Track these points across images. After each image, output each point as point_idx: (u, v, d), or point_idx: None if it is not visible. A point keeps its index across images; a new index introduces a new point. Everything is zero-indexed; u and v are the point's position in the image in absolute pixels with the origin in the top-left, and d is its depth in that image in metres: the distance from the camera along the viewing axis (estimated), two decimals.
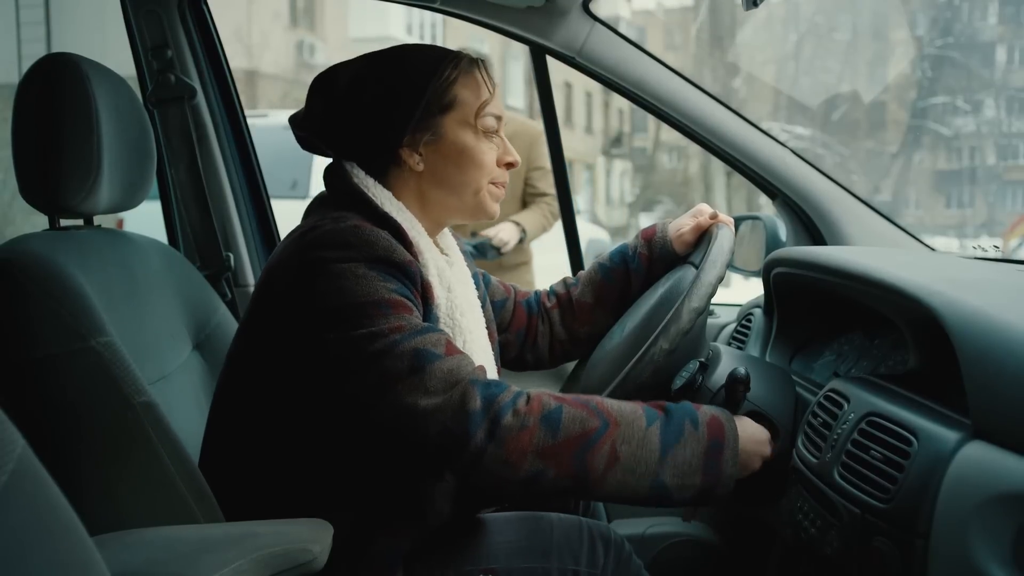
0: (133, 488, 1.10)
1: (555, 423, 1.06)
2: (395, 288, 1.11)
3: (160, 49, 1.91)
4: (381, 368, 1.07)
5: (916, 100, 18.51)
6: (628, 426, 1.09)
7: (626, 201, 24.28)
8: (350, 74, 1.24)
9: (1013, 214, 17.87)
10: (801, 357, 1.47)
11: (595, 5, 1.80)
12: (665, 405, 1.13)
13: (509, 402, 1.07)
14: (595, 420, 1.08)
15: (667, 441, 1.09)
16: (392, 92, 1.23)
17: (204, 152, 1.96)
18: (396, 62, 1.24)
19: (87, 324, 1.08)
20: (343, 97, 1.23)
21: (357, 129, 1.23)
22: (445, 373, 1.07)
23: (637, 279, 1.48)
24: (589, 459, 1.06)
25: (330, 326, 1.09)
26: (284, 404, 1.17)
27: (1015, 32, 18.79)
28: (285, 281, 1.15)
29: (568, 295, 1.53)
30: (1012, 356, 0.85)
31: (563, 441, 1.06)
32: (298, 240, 1.15)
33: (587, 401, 1.10)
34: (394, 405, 1.06)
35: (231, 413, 1.22)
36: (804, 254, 1.37)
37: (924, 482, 0.88)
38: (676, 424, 1.10)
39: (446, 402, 1.05)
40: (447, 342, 1.11)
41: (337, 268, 1.10)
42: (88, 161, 1.21)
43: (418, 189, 1.26)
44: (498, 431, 1.05)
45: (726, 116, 1.80)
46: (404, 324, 1.09)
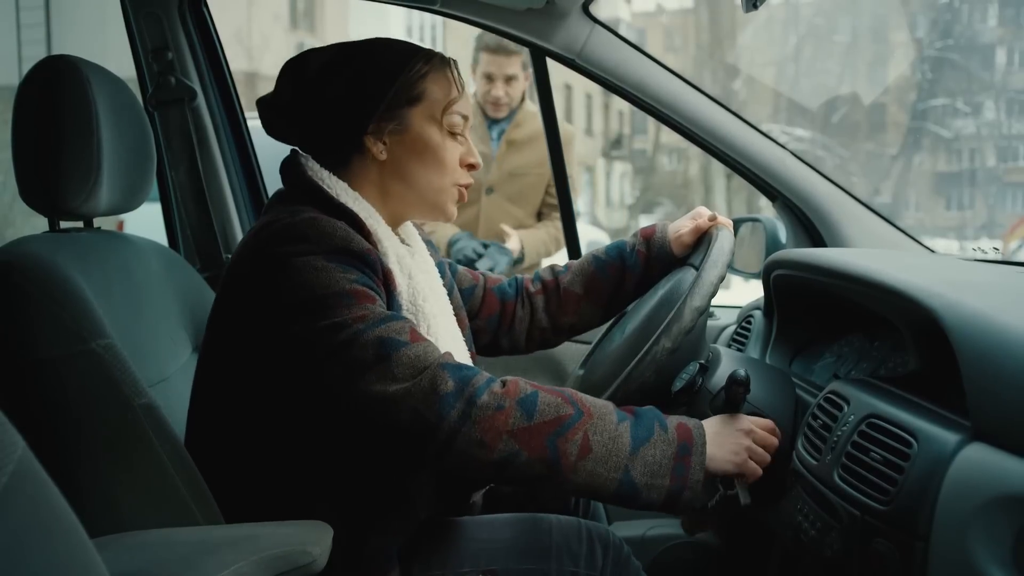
0: (133, 490, 1.10)
1: (530, 406, 1.07)
2: (356, 278, 1.12)
3: (160, 51, 1.92)
4: (347, 358, 1.07)
5: (916, 102, 18.53)
6: (601, 419, 1.09)
7: (626, 203, 24.28)
8: (322, 59, 1.24)
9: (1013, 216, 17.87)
10: (801, 359, 1.48)
11: (595, 7, 1.81)
12: (633, 408, 1.14)
13: (484, 384, 1.07)
14: (569, 408, 1.08)
15: (637, 439, 1.09)
16: (362, 78, 1.23)
17: (204, 154, 1.96)
18: (369, 51, 1.25)
19: (87, 326, 1.08)
20: (313, 80, 1.23)
21: (324, 112, 1.23)
22: (412, 359, 1.07)
23: (632, 276, 1.47)
24: (562, 445, 1.06)
25: (294, 320, 1.09)
26: (259, 401, 1.17)
27: (1015, 34, 18.80)
28: (246, 278, 1.15)
29: (556, 282, 1.52)
30: (1012, 358, 0.85)
31: (537, 424, 1.06)
32: (256, 236, 1.16)
33: (561, 390, 1.11)
34: (363, 394, 1.06)
35: (209, 414, 1.23)
36: (804, 256, 1.37)
37: (924, 484, 0.88)
38: (646, 424, 1.11)
39: (415, 387, 1.05)
40: (411, 329, 1.11)
41: (297, 262, 1.10)
42: (88, 163, 1.21)
43: (379, 180, 1.27)
44: (473, 411, 1.05)
45: (726, 118, 1.80)
46: (367, 313, 1.09)
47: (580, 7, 1.77)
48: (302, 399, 1.14)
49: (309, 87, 1.23)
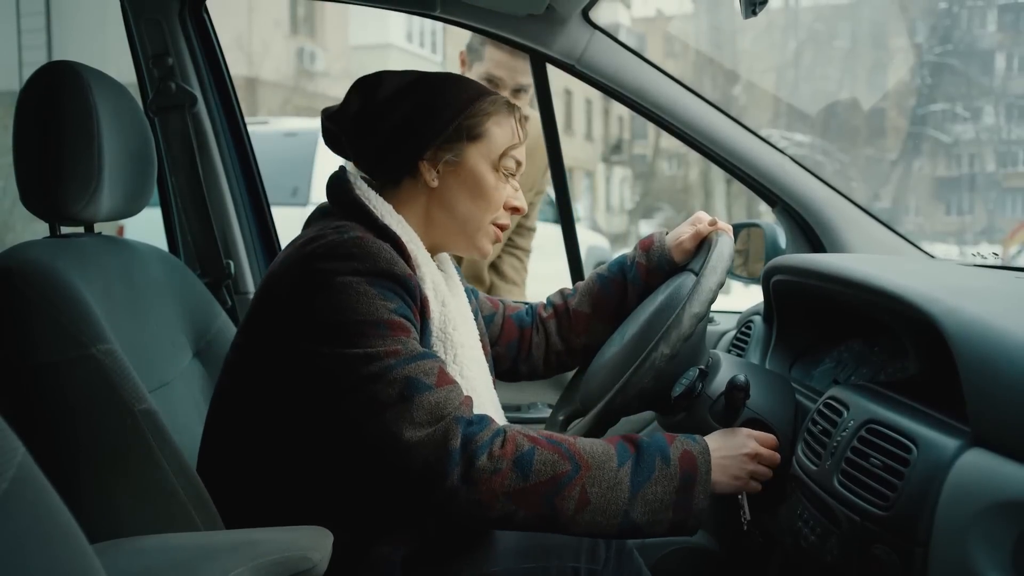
0: (133, 495, 1.10)
1: (527, 466, 1.09)
2: (395, 308, 1.13)
3: (161, 57, 1.92)
4: (371, 392, 1.08)
5: (916, 107, 18.55)
6: (599, 468, 1.11)
7: (626, 208, 24.31)
8: (396, 82, 1.26)
9: (1013, 221, 17.89)
10: (801, 364, 1.48)
11: (595, 13, 1.81)
12: (638, 441, 1.15)
13: (486, 443, 1.09)
14: (566, 464, 1.10)
15: (638, 481, 1.11)
16: (429, 104, 1.26)
17: (204, 160, 1.97)
18: (442, 81, 1.28)
19: (88, 331, 1.08)
20: (384, 99, 1.25)
21: (388, 131, 1.25)
22: (433, 406, 1.09)
23: (634, 290, 1.49)
24: (558, 502, 1.09)
25: (326, 341, 1.10)
26: (280, 413, 1.18)
27: (1014, 39, 18.84)
28: (286, 291, 1.16)
29: (565, 305, 1.54)
30: (1011, 363, 0.85)
31: (533, 485, 1.08)
32: (300, 250, 1.16)
33: (560, 443, 1.12)
34: (380, 430, 1.08)
35: (229, 420, 1.23)
36: (804, 261, 1.37)
37: (924, 489, 0.88)
38: (647, 462, 1.12)
39: (430, 437, 1.07)
40: (439, 371, 1.12)
41: (339, 282, 1.11)
42: (89, 168, 1.22)
43: (425, 207, 1.29)
44: (472, 472, 1.07)
45: (726, 124, 1.81)
46: (400, 348, 1.10)
47: (580, 13, 1.78)
48: (319, 417, 1.14)
49: (378, 105, 1.25)
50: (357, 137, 1.27)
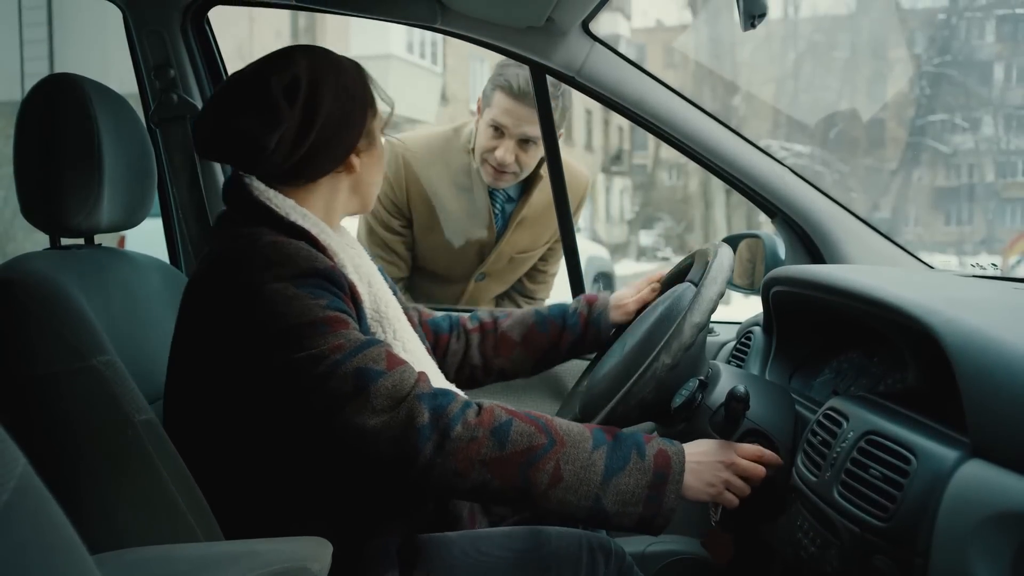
0: (133, 506, 1.09)
1: (504, 435, 1.09)
2: (327, 303, 1.13)
3: (163, 68, 1.93)
4: (327, 390, 1.09)
5: (915, 118, 18.59)
6: (574, 447, 1.11)
7: (626, 218, 24.33)
8: (304, 88, 1.21)
9: (1012, 231, 17.90)
10: (800, 375, 1.48)
11: (595, 25, 1.82)
12: (616, 431, 1.15)
13: (458, 413, 1.09)
14: (542, 437, 1.10)
15: (611, 467, 1.11)
16: (348, 99, 1.25)
17: (206, 170, 1.97)
18: (337, 72, 1.26)
19: (88, 342, 1.08)
20: (308, 107, 1.21)
21: (320, 136, 1.22)
22: (389, 390, 1.09)
23: (568, 336, 1.53)
24: (533, 474, 1.09)
25: (271, 352, 1.10)
26: (244, 425, 1.18)
27: (1013, 50, 18.89)
28: (214, 309, 1.15)
29: (494, 324, 1.56)
30: (1010, 375, 0.85)
31: (509, 453, 1.09)
32: (217, 266, 1.16)
33: (537, 418, 1.13)
34: (343, 426, 1.08)
35: (199, 433, 1.22)
36: (803, 273, 1.38)
37: (923, 500, 0.88)
38: (623, 452, 1.12)
39: (393, 419, 1.07)
40: (387, 354, 1.13)
41: (266, 291, 1.11)
42: (89, 181, 1.22)
43: (333, 192, 1.29)
44: (447, 443, 1.07)
45: (725, 135, 1.81)
46: (343, 342, 1.10)
47: (580, 25, 1.79)
48: (286, 422, 1.15)
49: (306, 114, 1.21)
50: (294, 149, 1.21)
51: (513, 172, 2.13)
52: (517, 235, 2.27)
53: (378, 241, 2.26)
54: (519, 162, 2.11)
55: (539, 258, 2.40)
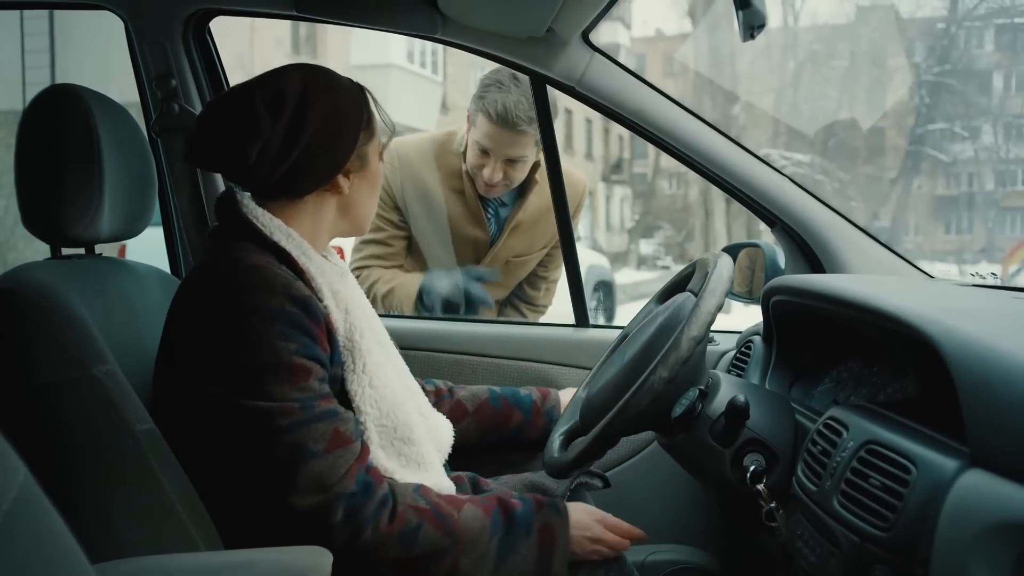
0: (133, 515, 1.10)
1: (410, 542, 1.17)
2: (296, 348, 1.14)
3: (164, 78, 1.93)
4: (262, 450, 1.12)
5: (914, 126, 18.61)
6: (474, 543, 1.20)
7: (626, 227, 24.34)
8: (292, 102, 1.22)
9: (1012, 239, 17.90)
10: (800, 384, 1.48)
11: (595, 35, 1.83)
12: (512, 512, 1.25)
13: (370, 516, 1.14)
14: (446, 540, 1.19)
15: (503, 551, 1.22)
16: (338, 118, 1.26)
17: (207, 180, 1.98)
18: (331, 84, 1.27)
19: (88, 352, 1.09)
20: (294, 122, 1.22)
21: (303, 153, 1.23)
22: (317, 475, 1.13)
23: (518, 416, 1.63)
24: (433, 570, 1.18)
25: (228, 385, 1.13)
26: (202, 450, 1.19)
27: (1012, 59, 18.92)
28: (192, 327, 1.18)
29: (449, 391, 1.62)
30: (1009, 384, 0.85)
31: (414, 557, 1.17)
32: (199, 280, 1.19)
33: (445, 518, 1.20)
34: (268, 491, 1.13)
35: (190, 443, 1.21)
36: (803, 282, 1.38)
37: (923, 510, 0.88)
38: (514, 536, 1.23)
39: (312, 508, 1.12)
40: (333, 433, 1.15)
41: (239, 321, 1.13)
42: (89, 191, 1.23)
43: (320, 212, 1.30)
44: (357, 544, 1.14)
45: (725, 145, 1.82)
46: (295, 407, 1.13)
47: (580, 35, 1.79)
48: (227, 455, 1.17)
49: (291, 128, 1.22)
50: (276, 163, 1.22)
51: (504, 185, 2.16)
52: (513, 239, 2.28)
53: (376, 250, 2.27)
54: (508, 177, 2.14)
55: (538, 264, 2.41)
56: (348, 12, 1.82)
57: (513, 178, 2.15)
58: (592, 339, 2.03)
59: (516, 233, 2.28)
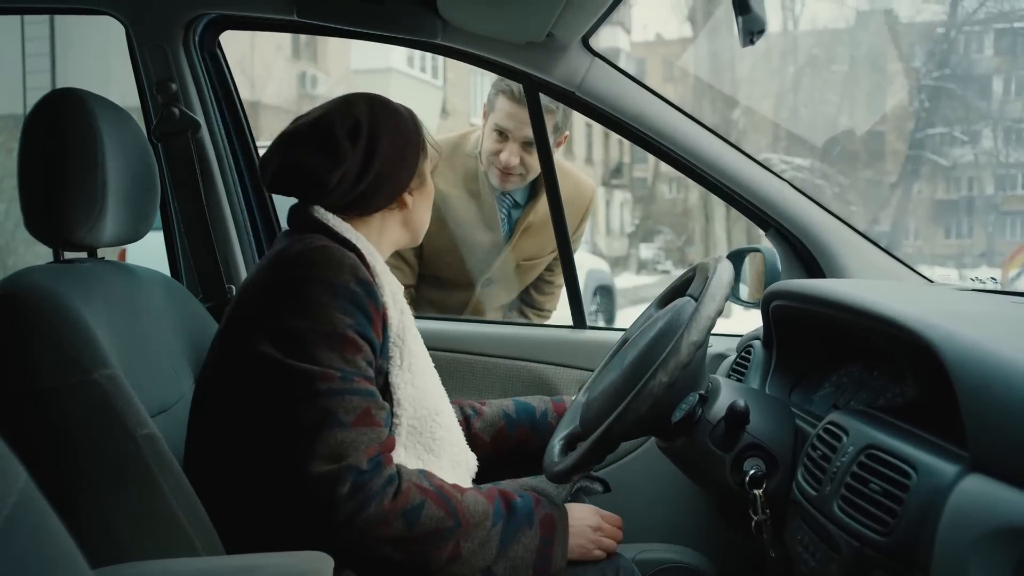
0: (134, 520, 1.10)
1: (413, 520, 1.16)
2: (351, 323, 1.19)
3: (165, 83, 1.93)
4: (291, 412, 1.15)
5: (914, 131, 18.61)
6: (476, 527, 1.21)
7: (626, 231, 24.34)
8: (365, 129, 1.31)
9: (1012, 243, 17.90)
10: (800, 389, 1.48)
11: (595, 40, 1.83)
12: (512, 503, 1.26)
13: (376, 492, 1.14)
14: (449, 520, 1.19)
15: (504, 540, 1.22)
16: (403, 140, 1.35)
17: (208, 185, 1.98)
18: (392, 111, 1.36)
19: (90, 356, 1.09)
20: (368, 148, 1.31)
21: (377, 174, 1.31)
22: (337, 444, 1.14)
23: (536, 438, 1.60)
24: (435, 552, 1.18)
25: (278, 345, 1.17)
26: (253, 427, 1.20)
27: (1011, 64, 18.94)
28: (254, 301, 1.24)
29: (466, 423, 1.59)
30: (1009, 389, 0.86)
31: (416, 535, 1.17)
32: (272, 261, 1.25)
33: (448, 499, 1.20)
34: (287, 451, 1.14)
35: (207, 442, 1.26)
36: (803, 287, 1.38)
37: (923, 515, 0.88)
38: (515, 524, 1.24)
39: (324, 476, 1.13)
40: (364, 411, 1.17)
41: (303, 290, 1.18)
42: (92, 195, 1.23)
43: (384, 226, 1.38)
44: (358, 520, 1.13)
45: (725, 149, 1.82)
46: (336, 375, 1.15)
47: (580, 40, 1.80)
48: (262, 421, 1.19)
49: (366, 153, 1.30)
50: (353, 186, 1.31)
51: (519, 174, 2.16)
52: (524, 241, 2.28)
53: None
54: (524, 164, 2.14)
55: (545, 268, 2.41)
56: (349, 17, 1.83)
57: (529, 165, 2.14)
58: (589, 340, 2.03)
59: (527, 235, 2.27)
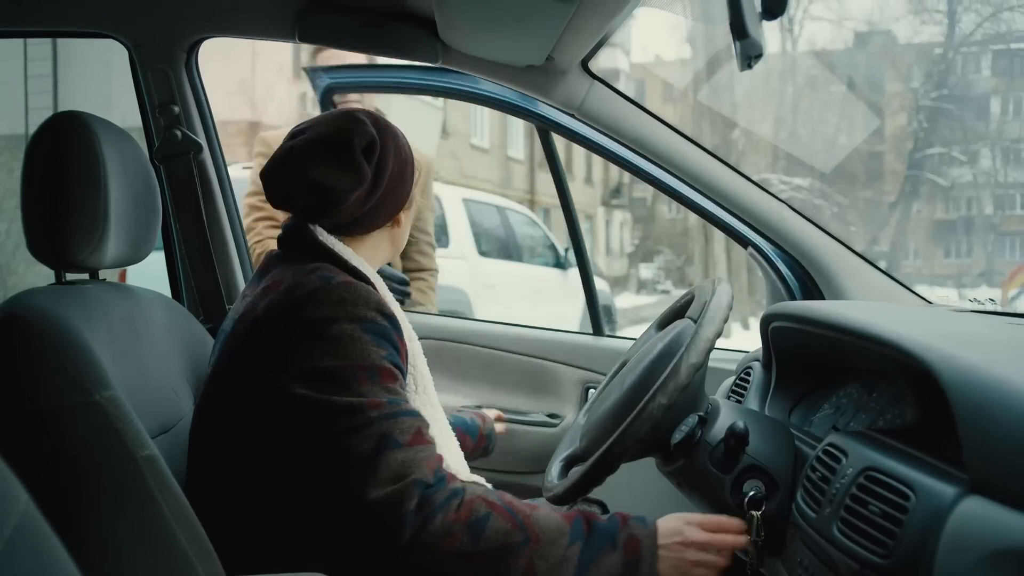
0: (134, 542, 1.09)
1: (478, 531, 1.11)
2: (386, 355, 1.17)
3: (167, 106, 1.95)
4: (347, 444, 1.12)
5: (913, 151, 18.69)
6: (549, 544, 1.14)
7: (626, 251, 24.38)
8: (368, 140, 1.29)
9: (1011, 263, 17.92)
10: (800, 410, 1.48)
11: (594, 63, 1.85)
12: (593, 521, 1.18)
13: (441, 504, 1.11)
14: (518, 534, 1.13)
15: (584, 560, 1.14)
16: (402, 158, 1.35)
17: (209, 206, 1.99)
18: (393, 130, 1.36)
19: (91, 378, 1.09)
20: (380, 169, 1.30)
21: (383, 193, 1.31)
22: (399, 464, 1.12)
23: (470, 440, 1.73)
24: (505, 570, 1.12)
25: (317, 386, 1.13)
26: (260, 456, 1.19)
27: (1009, 84, 19.04)
28: (274, 339, 1.18)
29: None
30: (1006, 411, 0.86)
31: (483, 550, 1.11)
32: (286, 296, 1.19)
33: (516, 513, 1.15)
34: (345, 482, 1.11)
35: (209, 466, 1.25)
36: (802, 309, 1.38)
37: (922, 537, 0.88)
38: (596, 545, 1.16)
39: (389, 496, 1.10)
40: (417, 430, 1.16)
41: (335, 330, 1.15)
42: (95, 217, 1.23)
43: (377, 243, 1.37)
44: (423, 535, 1.09)
45: (723, 171, 1.83)
46: (384, 401, 1.14)
47: (579, 64, 1.81)
48: (297, 461, 1.16)
49: (377, 171, 1.30)
50: (363, 204, 1.30)
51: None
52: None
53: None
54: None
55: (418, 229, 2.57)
56: (350, 40, 1.85)
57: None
58: (605, 347, 2.19)
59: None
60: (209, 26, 1.92)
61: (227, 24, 1.92)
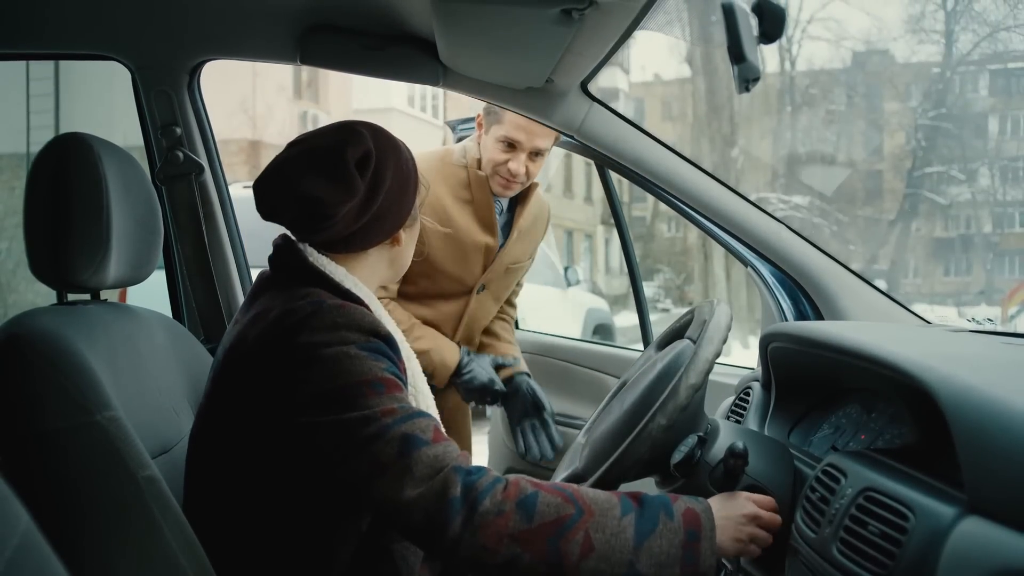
0: (135, 562, 1.09)
1: (530, 508, 1.08)
2: (386, 367, 1.15)
3: (169, 127, 1.96)
4: (371, 453, 1.09)
5: (911, 169, 18.73)
6: (603, 515, 1.10)
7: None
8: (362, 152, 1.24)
9: (1011, 281, 17.92)
10: (799, 430, 1.48)
11: (593, 85, 1.86)
12: (640, 495, 1.15)
13: (487, 487, 1.09)
14: (570, 507, 1.10)
15: (642, 531, 1.10)
16: (404, 176, 1.29)
17: (210, 227, 2.00)
18: (394, 144, 1.31)
19: (93, 399, 1.09)
20: (374, 184, 1.25)
21: (379, 210, 1.26)
22: (431, 459, 1.09)
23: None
24: (563, 545, 1.08)
25: (323, 410, 1.11)
26: (260, 482, 1.18)
27: (1006, 104, 19.11)
28: (267, 368, 1.15)
29: None
30: (1005, 431, 0.86)
31: (538, 526, 1.08)
32: (277, 325, 1.16)
33: (563, 488, 1.12)
34: (382, 491, 1.08)
35: (207, 489, 1.23)
36: (801, 329, 1.39)
37: (922, 557, 0.88)
38: (651, 515, 1.11)
39: (429, 490, 1.07)
40: (435, 428, 1.14)
41: (330, 352, 1.12)
42: (97, 238, 1.24)
43: (375, 264, 1.32)
44: (475, 517, 1.07)
45: (721, 192, 1.84)
46: (395, 407, 1.11)
47: (579, 85, 1.82)
48: (312, 485, 1.15)
49: (370, 190, 1.25)
50: (355, 220, 1.24)
51: (521, 182, 2.20)
52: (515, 245, 2.33)
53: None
54: (528, 173, 2.19)
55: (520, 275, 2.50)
56: (351, 63, 1.86)
57: (532, 173, 2.20)
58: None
59: (518, 239, 2.34)
60: (212, 49, 1.93)
61: (230, 47, 1.93)
